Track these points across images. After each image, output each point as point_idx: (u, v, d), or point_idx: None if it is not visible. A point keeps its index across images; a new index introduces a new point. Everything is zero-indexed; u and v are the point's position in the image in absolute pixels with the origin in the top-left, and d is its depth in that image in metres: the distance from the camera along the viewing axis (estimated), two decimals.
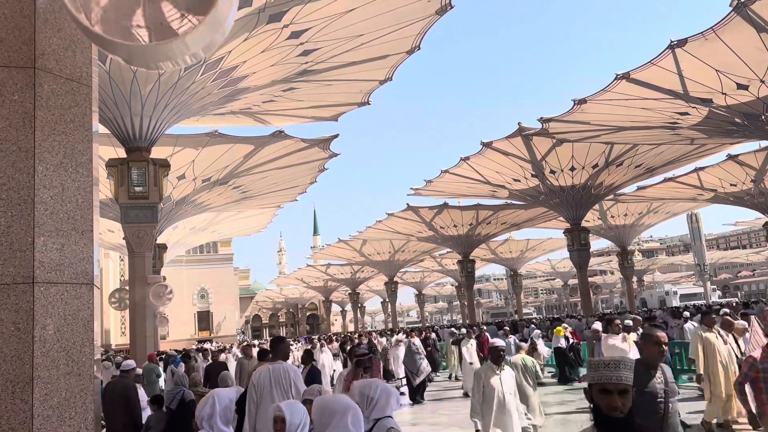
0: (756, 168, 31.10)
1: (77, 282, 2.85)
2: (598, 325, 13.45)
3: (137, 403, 7.90)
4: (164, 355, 19.21)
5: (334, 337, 28.47)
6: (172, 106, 16.92)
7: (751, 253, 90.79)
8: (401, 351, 16.30)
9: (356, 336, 24.63)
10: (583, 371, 15.88)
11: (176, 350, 26.06)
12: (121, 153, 17.80)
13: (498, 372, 6.41)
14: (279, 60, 17.14)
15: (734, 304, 31.00)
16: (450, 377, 19.99)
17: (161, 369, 15.09)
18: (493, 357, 6.58)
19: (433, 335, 22.16)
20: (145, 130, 17.04)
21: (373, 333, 31.77)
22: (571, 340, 17.02)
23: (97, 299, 2.99)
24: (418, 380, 14.94)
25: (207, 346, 29.92)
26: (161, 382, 14.30)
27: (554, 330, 17.82)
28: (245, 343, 21.86)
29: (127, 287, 20.16)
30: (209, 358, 16.96)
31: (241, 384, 10.52)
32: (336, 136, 24.53)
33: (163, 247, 29.24)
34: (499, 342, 6.74)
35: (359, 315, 77.98)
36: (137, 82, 15.86)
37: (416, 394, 15.00)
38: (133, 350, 17.02)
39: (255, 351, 12.42)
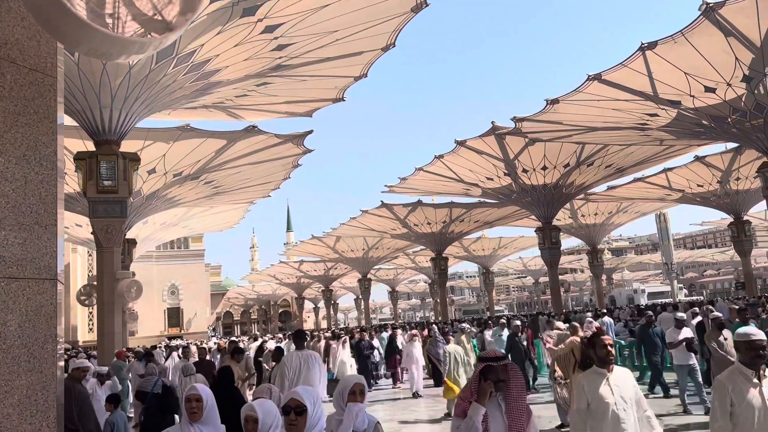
0: (722, 169, 31.82)
1: (40, 277, 2.78)
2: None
3: (83, 408, 7.64)
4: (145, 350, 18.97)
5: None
6: (142, 99, 16.66)
7: (716, 253, 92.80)
8: (417, 347, 16.30)
9: (358, 331, 24.54)
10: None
11: (148, 347, 25.69)
12: (90, 146, 17.49)
13: (607, 375, 4.49)
14: (253, 54, 16.99)
15: (700, 301, 31.66)
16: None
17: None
18: (601, 356, 4.58)
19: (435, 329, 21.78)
20: (115, 123, 16.75)
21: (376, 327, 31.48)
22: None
23: (62, 295, 2.93)
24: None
25: (186, 343, 29.52)
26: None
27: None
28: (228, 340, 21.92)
29: (95, 283, 19.83)
30: (191, 356, 16.75)
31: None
32: (310, 132, 24.43)
33: (133, 243, 28.80)
34: (607, 339, 4.69)
35: (332, 312, 77.82)
36: (107, 74, 15.58)
37: (441, 380, 15.35)
38: (100, 347, 16.77)
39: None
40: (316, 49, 17.83)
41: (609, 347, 4.58)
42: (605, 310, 28.66)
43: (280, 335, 32.46)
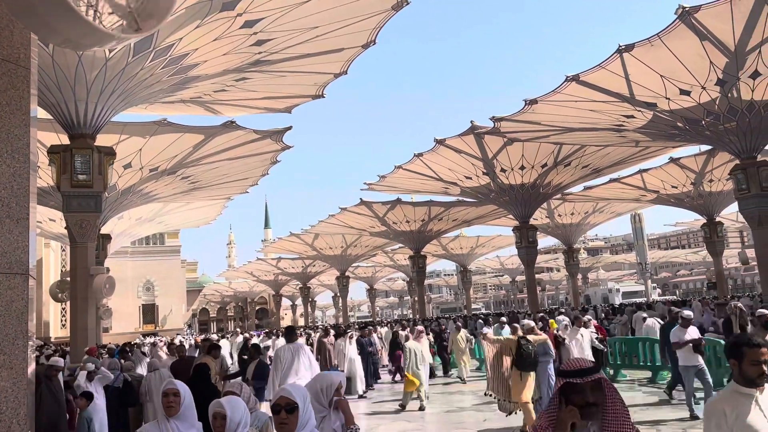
0: (696, 171, 32.34)
1: (11, 272, 2.73)
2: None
3: (52, 407, 7.63)
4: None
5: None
6: (119, 93, 16.42)
7: (689, 253, 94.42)
8: (425, 345, 15.47)
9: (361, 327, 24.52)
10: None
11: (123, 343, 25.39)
12: (65, 139, 17.18)
13: (756, 396, 3.40)
14: (231, 49, 16.84)
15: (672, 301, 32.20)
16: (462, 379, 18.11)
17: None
18: (750, 375, 3.40)
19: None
20: (90, 116, 16.49)
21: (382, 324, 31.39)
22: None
23: (34, 290, 2.88)
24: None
25: (155, 340, 29.23)
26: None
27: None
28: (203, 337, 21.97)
29: (69, 278, 19.52)
30: (161, 353, 16.64)
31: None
32: (289, 128, 24.26)
33: (108, 238, 28.39)
34: (764, 352, 3.40)
35: (310, 309, 77.60)
36: (82, 66, 15.33)
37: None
38: (73, 343, 16.51)
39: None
40: (296, 45, 17.73)
41: (763, 364, 3.36)
42: (579, 308, 28.94)
43: (255, 332, 32.39)
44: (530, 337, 10.41)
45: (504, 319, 19.33)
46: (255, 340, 20.35)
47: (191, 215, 38.23)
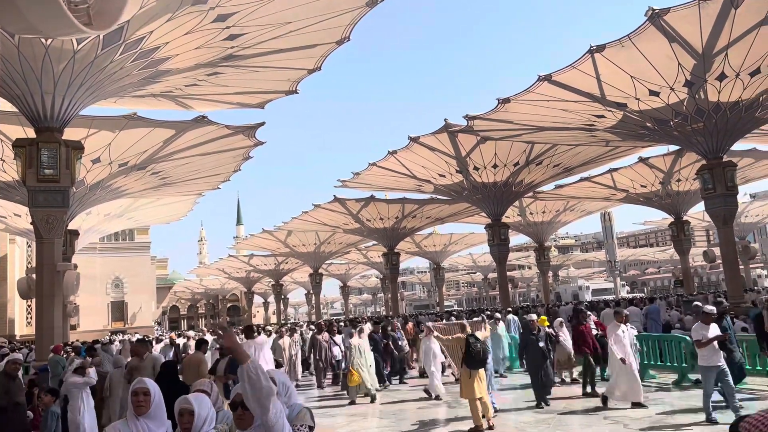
0: (664, 171, 32.95)
1: None
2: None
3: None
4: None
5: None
6: (87, 86, 16.11)
7: (657, 251, 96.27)
8: (435, 342, 13.95)
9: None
10: None
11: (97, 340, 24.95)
12: (31, 133, 16.82)
13: None
14: (204, 43, 16.64)
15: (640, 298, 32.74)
16: None
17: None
18: None
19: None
20: (57, 109, 16.15)
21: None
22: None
23: None
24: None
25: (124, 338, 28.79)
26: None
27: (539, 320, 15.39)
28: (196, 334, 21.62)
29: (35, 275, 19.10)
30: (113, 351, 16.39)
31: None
32: (262, 123, 24.06)
33: (75, 234, 27.86)
34: None
35: (282, 307, 77.21)
36: (49, 58, 14.99)
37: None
38: (39, 341, 16.20)
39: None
40: (269, 40, 17.58)
41: None
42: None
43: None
44: (478, 335, 10.57)
45: (498, 315, 18.22)
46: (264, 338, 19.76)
47: (161, 211, 37.70)
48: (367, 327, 17.79)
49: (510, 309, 26.19)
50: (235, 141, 24.98)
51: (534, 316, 12.68)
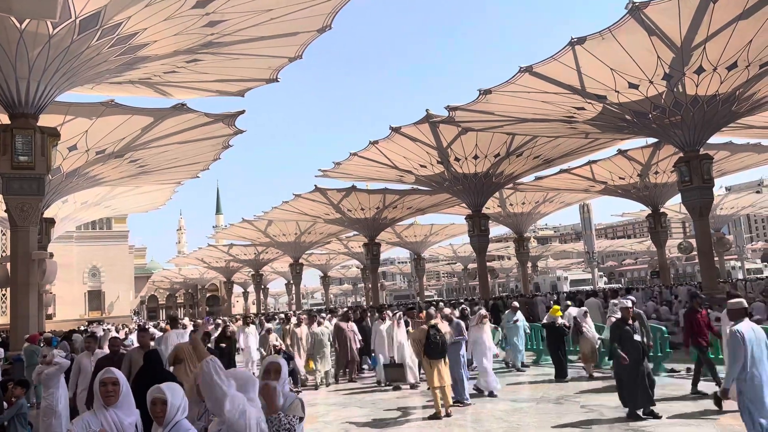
0: (642, 163, 33.33)
1: None
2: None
3: None
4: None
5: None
6: (63, 71, 15.82)
7: (634, 243, 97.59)
8: (487, 332, 13.07)
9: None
10: None
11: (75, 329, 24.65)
12: (5, 119, 16.49)
13: None
14: (183, 29, 16.40)
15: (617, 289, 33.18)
16: None
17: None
18: None
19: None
20: (32, 95, 15.86)
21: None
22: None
23: None
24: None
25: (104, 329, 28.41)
26: None
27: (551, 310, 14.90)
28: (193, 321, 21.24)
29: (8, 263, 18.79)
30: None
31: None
32: (242, 112, 23.83)
33: (51, 222, 27.50)
34: None
35: (262, 297, 76.96)
36: (24, 43, 14.69)
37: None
38: (13, 331, 15.98)
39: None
40: (249, 27, 17.39)
41: None
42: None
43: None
44: (440, 327, 10.68)
45: (516, 304, 16.91)
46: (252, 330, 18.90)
47: (139, 200, 37.29)
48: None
49: (462, 303, 24.50)
50: (215, 129, 24.74)
51: (629, 302, 9.61)
